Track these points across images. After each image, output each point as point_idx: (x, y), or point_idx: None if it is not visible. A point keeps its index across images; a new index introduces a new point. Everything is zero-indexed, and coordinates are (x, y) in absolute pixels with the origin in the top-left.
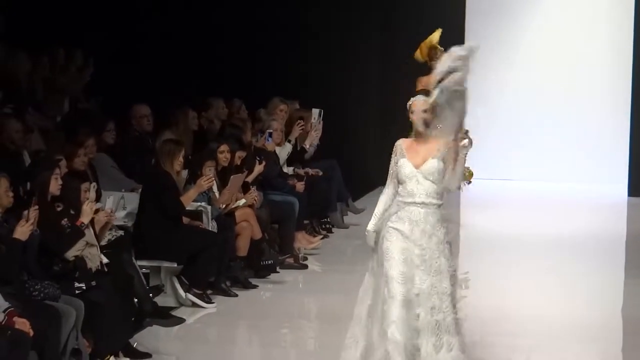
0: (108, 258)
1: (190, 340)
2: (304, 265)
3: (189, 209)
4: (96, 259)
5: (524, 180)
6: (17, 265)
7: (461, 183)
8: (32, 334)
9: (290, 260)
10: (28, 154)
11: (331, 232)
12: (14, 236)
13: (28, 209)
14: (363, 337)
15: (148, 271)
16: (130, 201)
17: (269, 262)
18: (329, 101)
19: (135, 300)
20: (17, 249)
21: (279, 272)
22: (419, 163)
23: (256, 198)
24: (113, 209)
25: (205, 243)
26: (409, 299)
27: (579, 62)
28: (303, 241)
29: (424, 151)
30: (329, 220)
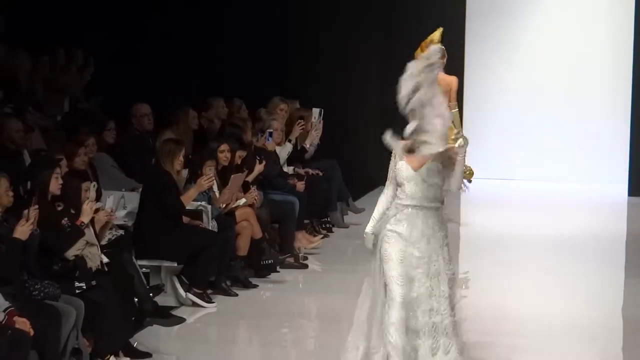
0: (108, 257)
1: (191, 340)
2: (304, 264)
3: (189, 208)
4: (96, 258)
5: (524, 180)
6: (17, 264)
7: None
8: (33, 333)
9: (291, 260)
10: (28, 153)
11: (331, 232)
12: (14, 235)
13: (28, 208)
14: (363, 342)
15: (148, 271)
16: (131, 200)
17: (269, 262)
18: (329, 101)
19: (136, 299)
20: (17, 249)
21: (279, 272)
22: (417, 165)
23: (256, 197)
24: (113, 209)
25: (206, 242)
26: (408, 301)
27: (579, 62)
28: (303, 241)
29: None
30: (329, 219)
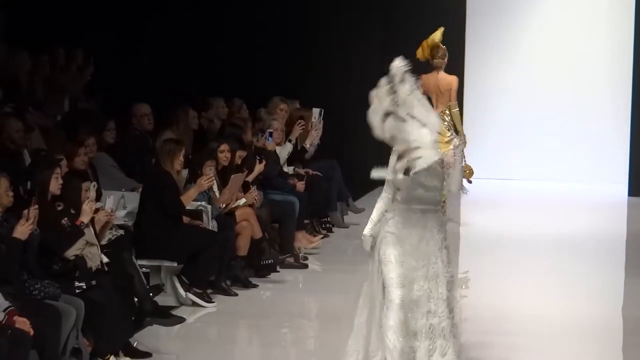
0: (108, 257)
1: (191, 340)
2: (304, 264)
3: (189, 208)
4: (96, 258)
5: (524, 180)
6: (17, 264)
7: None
8: (33, 333)
9: (291, 260)
10: (28, 153)
11: (331, 232)
12: (14, 235)
13: (28, 208)
14: (363, 346)
15: (148, 270)
16: (131, 200)
17: (269, 262)
18: (329, 101)
19: (136, 299)
20: (17, 248)
21: (279, 272)
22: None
23: (256, 197)
24: (113, 209)
25: (206, 242)
26: (407, 303)
27: (579, 62)
28: (303, 241)
29: None
30: (329, 219)
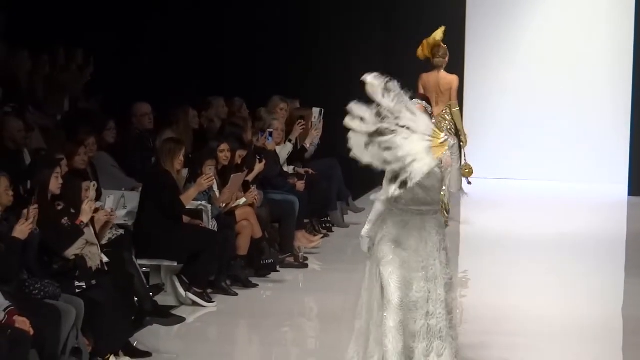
0: (108, 257)
1: (191, 339)
2: (304, 264)
3: (189, 207)
4: (96, 257)
5: (524, 179)
6: (17, 264)
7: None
8: (32, 332)
9: (291, 259)
10: (28, 152)
11: (331, 231)
12: (14, 235)
13: (28, 207)
14: (363, 347)
15: (148, 270)
16: (131, 200)
17: (269, 261)
18: (329, 101)
19: (136, 299)
20: (17, 248)
21: (279, 271)
22: None
23: (256, 197)
24: (113, 208)
25: (206, 242)
26: (406, 304)
27: (579, 62)
28: (303, 240)
29: None
30: (329, 219)
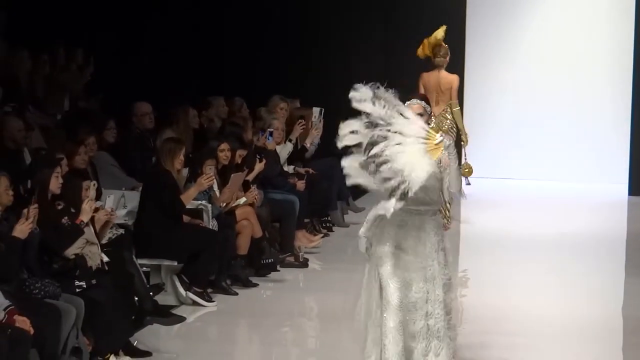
0: (108, 256)
1: (191, 339)
2: (305, 263)
3: (189, 207)
4: (96, 257)
5: (524, 179)
6: (17, 263)
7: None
8: (33, 332)
9: (291, 259)
10: (29, 152)
11: (331, 231)
12: (14, 234)
13: (28, 207)
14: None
15: (148, 269)
16: (131, 200)
17: (270, 261)
18: (329, 101)
19: (136, 298)
20: (17, 247)
21: (279, 271)
22: None
23: (257, 197)
24: (113, 208)
25: (206, 241)
26: (405, 304)
27: (579, 62)
28: (303, 240)
29: None
30: (329, 218)
